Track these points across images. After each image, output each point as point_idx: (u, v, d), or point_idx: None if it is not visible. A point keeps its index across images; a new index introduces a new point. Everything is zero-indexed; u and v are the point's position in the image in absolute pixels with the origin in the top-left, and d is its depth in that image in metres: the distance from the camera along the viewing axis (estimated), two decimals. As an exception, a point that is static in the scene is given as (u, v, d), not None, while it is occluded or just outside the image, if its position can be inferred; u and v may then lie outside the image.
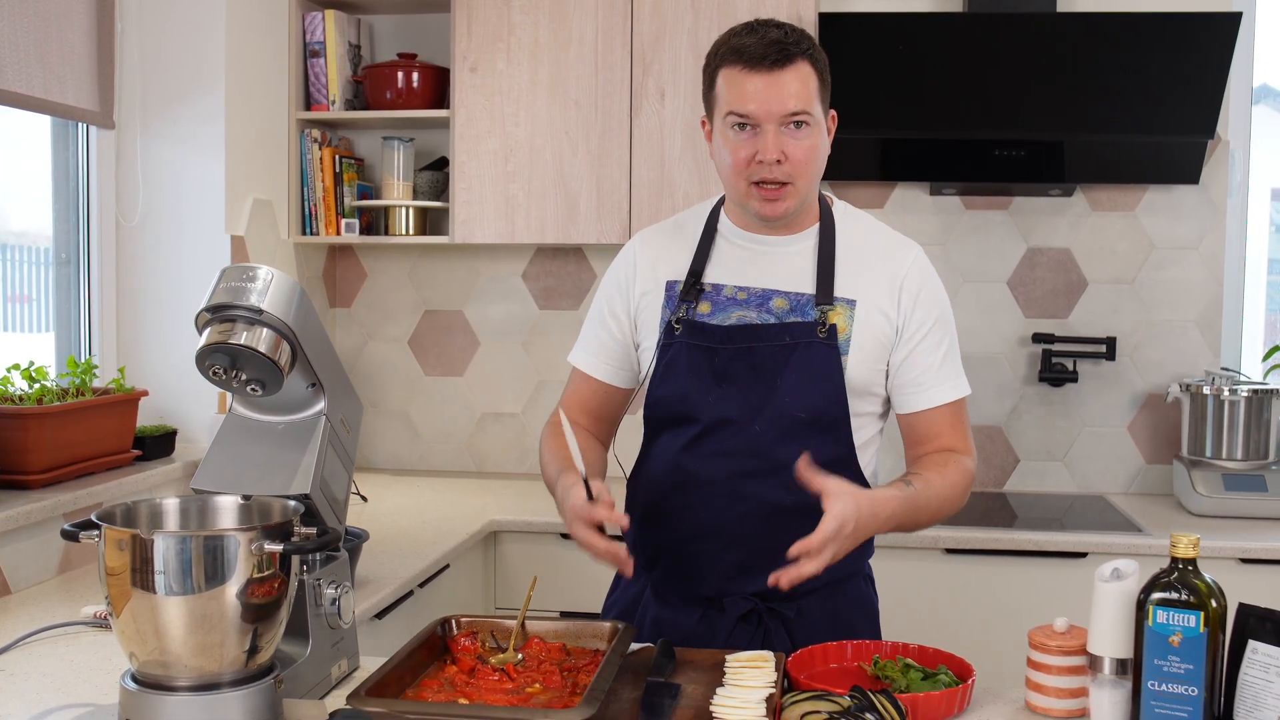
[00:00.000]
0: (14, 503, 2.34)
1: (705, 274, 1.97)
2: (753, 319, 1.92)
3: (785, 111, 1.83)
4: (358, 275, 3.88)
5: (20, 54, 2.67)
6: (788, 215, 1.91)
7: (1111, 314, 3.54)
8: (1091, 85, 3.20)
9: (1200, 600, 1.50)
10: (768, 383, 1.89)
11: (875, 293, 1.91)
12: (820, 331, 1.88)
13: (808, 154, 1.86)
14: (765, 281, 1.94)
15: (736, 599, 1.94)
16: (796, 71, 1.83)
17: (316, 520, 1.75)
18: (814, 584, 1.82)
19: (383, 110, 3.54)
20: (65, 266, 3.07)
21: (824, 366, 1.88)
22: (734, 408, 1.90)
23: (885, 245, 1.98)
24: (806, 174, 1.87)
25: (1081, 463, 3.58)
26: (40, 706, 1.70)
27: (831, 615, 1.99)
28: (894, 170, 3.52)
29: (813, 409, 1.89)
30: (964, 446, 1.96)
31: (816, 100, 1.86)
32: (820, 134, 1.88)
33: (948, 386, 1.94)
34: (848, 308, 1.90)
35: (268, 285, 1.68)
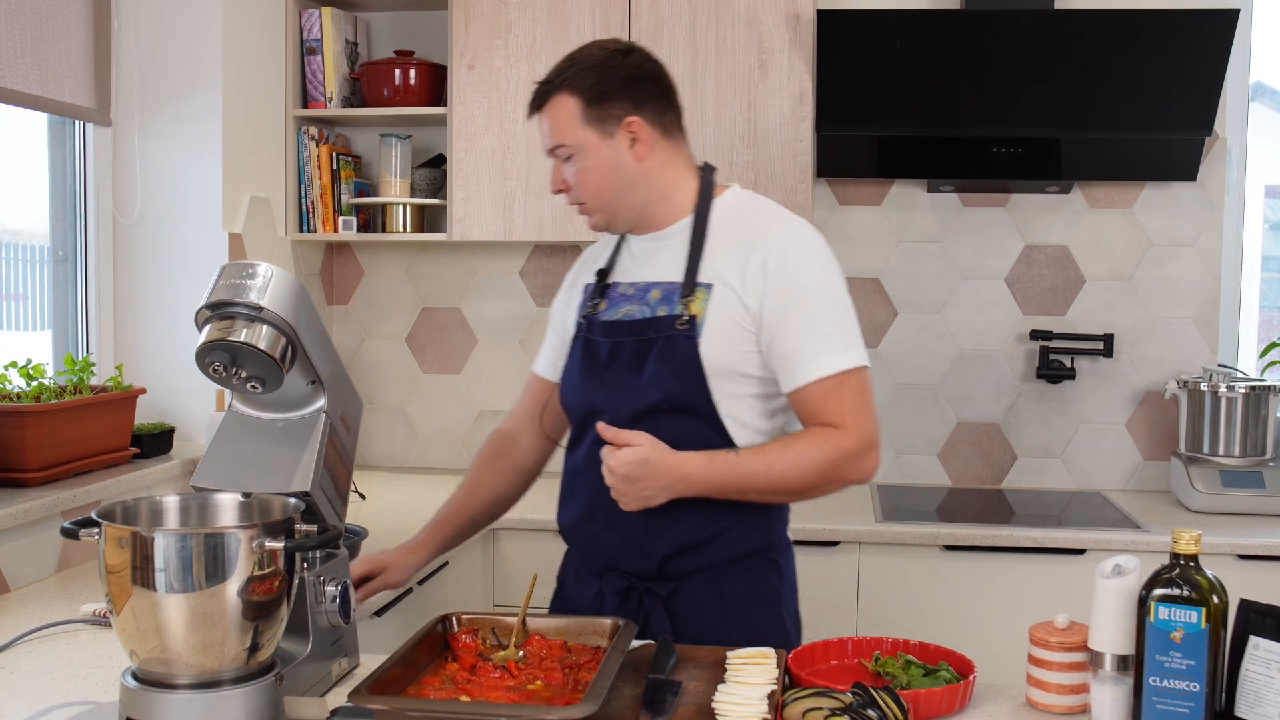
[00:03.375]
0: (12, 501, 2.34)
1: (611, 275, 2.13)
2: (635, 313, 2.04)
3: (548, 147, 2.04)
4: (355, 273, 3.88)
5: (17, 51, 2.66)
6: (608, 226, 2.08)
7: (1109, 311, 3.54)
8: (1089, 82, 3.20)
9: (1202, 596, 1.50)
10: (638, 373, 1.99)
11: (730, 275, 1.97)
12: (679, 324, 1.97)
13: (579, 177, 2.02)
14: (647, 275, 2.06)
15: (614, 577, 2.05)
16: (553, 108, 2.01)
17: (317, 518, 1.75)
18: (693, 566, 2.00)
19: (380, 108, 3.54)
20: (62, 264, 3.06)
21: (680, 355, 1.96)
22: (604, 397, 2.02)
23: (751, 224, 2.01)
24: (587, 193, 2.03)
25: (1079, 460, 3.58)
26: (40, 704, 1.69)
27: (717, 598, 2.02)
28: (891, 167, 3.52)
29: (671, 395, 1.96)
30: (844, 422, 1.93)
31: (580, 125, 1.99)
32: (593, 156, 2.00)
33: (816, 364, 1.92)
34: (705, 292, 1.98)
35: (267, 282, 1.68)
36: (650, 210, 2.05)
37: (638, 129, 2.00)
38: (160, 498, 1.65)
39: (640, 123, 2.00)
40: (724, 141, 3.31)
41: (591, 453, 2.01)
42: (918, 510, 3.29)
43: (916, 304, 3.63)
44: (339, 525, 1.84)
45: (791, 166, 3.30)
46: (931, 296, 3.62)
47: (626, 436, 1.88)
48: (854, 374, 1.95)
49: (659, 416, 1.96)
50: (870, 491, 3.49)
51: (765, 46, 3.29)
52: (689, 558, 2.00)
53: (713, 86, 3.31)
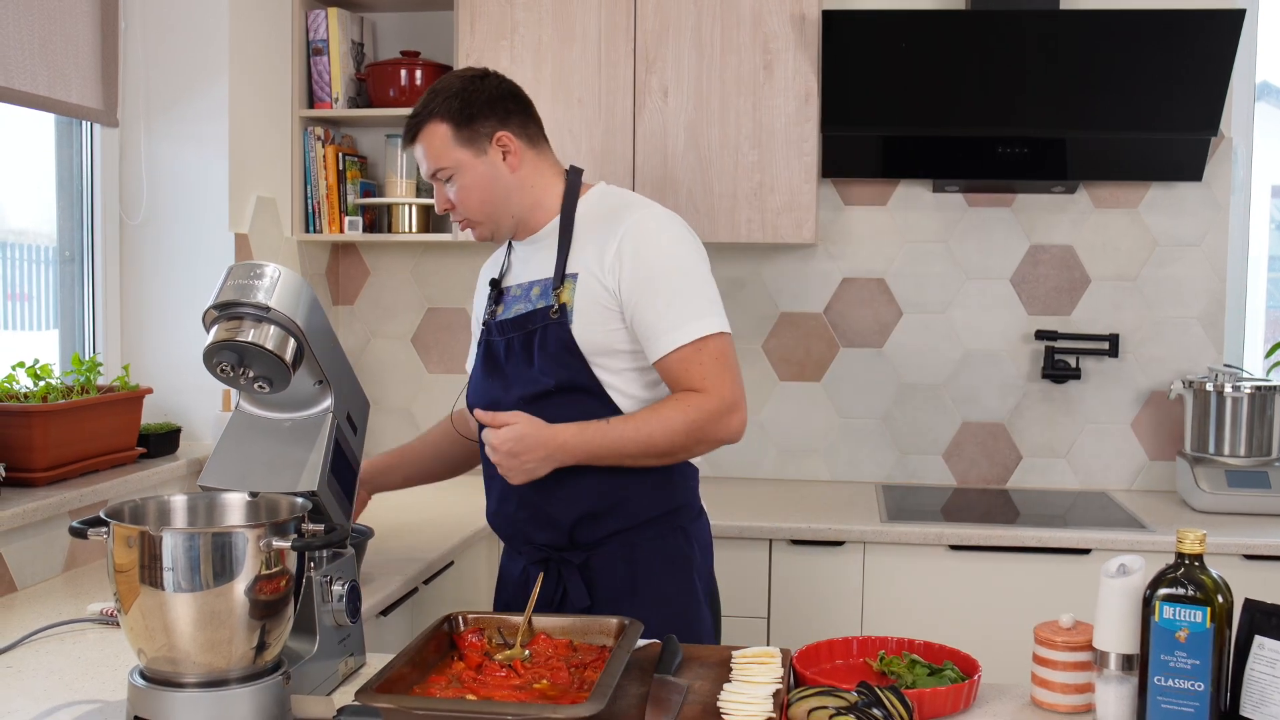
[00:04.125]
0: (19, 500, 2.34)
1: (505, 279, 2.30)
2: (521, 310, 2.20)
3: (429, 173, 2.20)
4: (361, 273, 3.89)
5: (24, 52, 2.67)
6: (493, 236, 2.24)
7: (1114, 311, 3.54)
8: (1094, 82, 3.20)
9: (1207, 596, 1.50)
10: (529, 363, 2.15)
11: (589, 262, 2.13)
12: (552, 314, 2.13)
13: (462, 196, 2.18)
14: (529, 275, 2.23)
15: (530, 549, 2.21)
16: (426, 136, 2.17)
17: (324, 517, 1.75)
18: (601, 533, 2.16)
19: (386, 108, 3.54)
20: (69, 264, 3.07)
21: (556, 341, 2.13)
22: (501, 389, 2.18)
23: (609, 215, 2.17)
24: (471, 209, 2.19)
25: (1085, 459, 3.58)
26: (48, 703, 1.70)
27: (627, 563, 2.17)
28: (896, 168, 3.52)
29: (557, 378, 2.12)
30: (705, 385, 2.08)
31: (454, 147, 2.16)
32: (472, 174, 2.17)
33: (673, 334, 2.09)
34: (572, 282, 2.14)
35: (275, 283, 1.68)
36: (526, 216, 2.22)
37: (507, 142, 2.19)
38: (168, 497, 1.66)
39: (508, 136, 2.19)
40: (729, 142, 3.31)
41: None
42: (923, 510, 3.29)
43: (921, 304, 3.63)
44: (346, 525, 1.84)
45: (797, 167, 3.30)
46: (937, 296, 3.62)
47: (503, 417, 2.04)
48: (712, 340, 2.10)
49: (552, 399, 2.13)
50: (876, 491, 3.50)
51: (770, 47, 3.29)
52: (595, 525, 2.16)
53: (718, 87, 3.31)
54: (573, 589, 2.16)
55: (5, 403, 2.47)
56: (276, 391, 1.71)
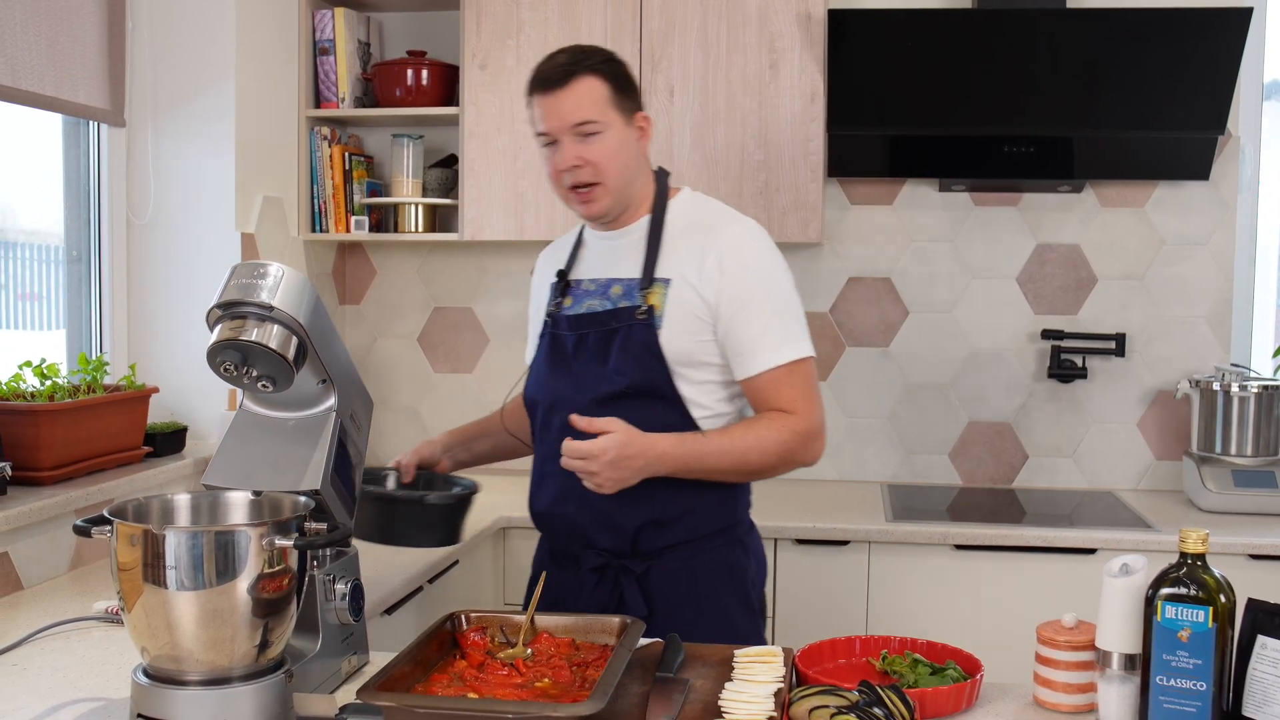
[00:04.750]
0: (26, 499, 2.36)
1: (572, 272, 2.24)
2: (597, 307, 2.15)
3: (573, 122, 2.07)
4: (367, 272, 3.89)
5: (32, 53, 2.68)
6: (607, 213, 2.14)
7: (1121, 310, 3.54)
8: (1101, 81, 3.19)
9: (1209, 596, 1.50)
10: (603, 362, 2.11)
11: (687, 270, 2.09)
12: (639, 314, 2.09)
13: (603, 155, 2.08)
14: (608, 272, 2.18)
15: (590, 555, 2.15)
16: (579, 85, 2.08)
17: (327, 516, 1.75)
18: (665, 542, 2.12)
19: (392, 108, 3.55)
20: (76, 264, 3.08)
21: (641, 342, 2.08)
22: (570, 386, 2.12)
23: (707, 225, 2.15)
24: (610, 171, 2.10)
25: (1091, 459, 3.58)
26: (52, 700, 1.71)
27: (688, 575, 2.14)
28: (902, 167, 3.52)
29: (633, 380, 2.08)
30: (795, 408, 2.09)
31: (607, 107, 2.09)
32: (617, 136, 2.09)
33: (768, 354, 2.08)
34: (663, 286, 2.10)
35: (278, 282, 1.69)
36: (630, 203, 2.17)
37: (645, 124, 2.16)
38: (171, 496, 1.67)
39: (647, 119, 2.17)
40: (735, 141, 3.31)
41: (560, 440, 2.07)
42: (929, 510, 3.28)
43: (928, 303, 3.62)
44: (349, 523, 1.85)
45: (803, 166, 3.30)
46: (943, 296, 3.61)
47: (600, 424, 1.97)
48: (802, 364, 2.10)
49: (625, 401, 2.08)
50: (881, 491, 3.49)
51: (776, 46, 3.29)
52: (661, 533, 2.12)
53: (724, 86, 3.31)
54: (630, 598, 2.12)
55: (12, 402, 2.48)
56: (280, 391, 1.71)
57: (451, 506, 2.22)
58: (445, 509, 2.20)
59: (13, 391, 2.55)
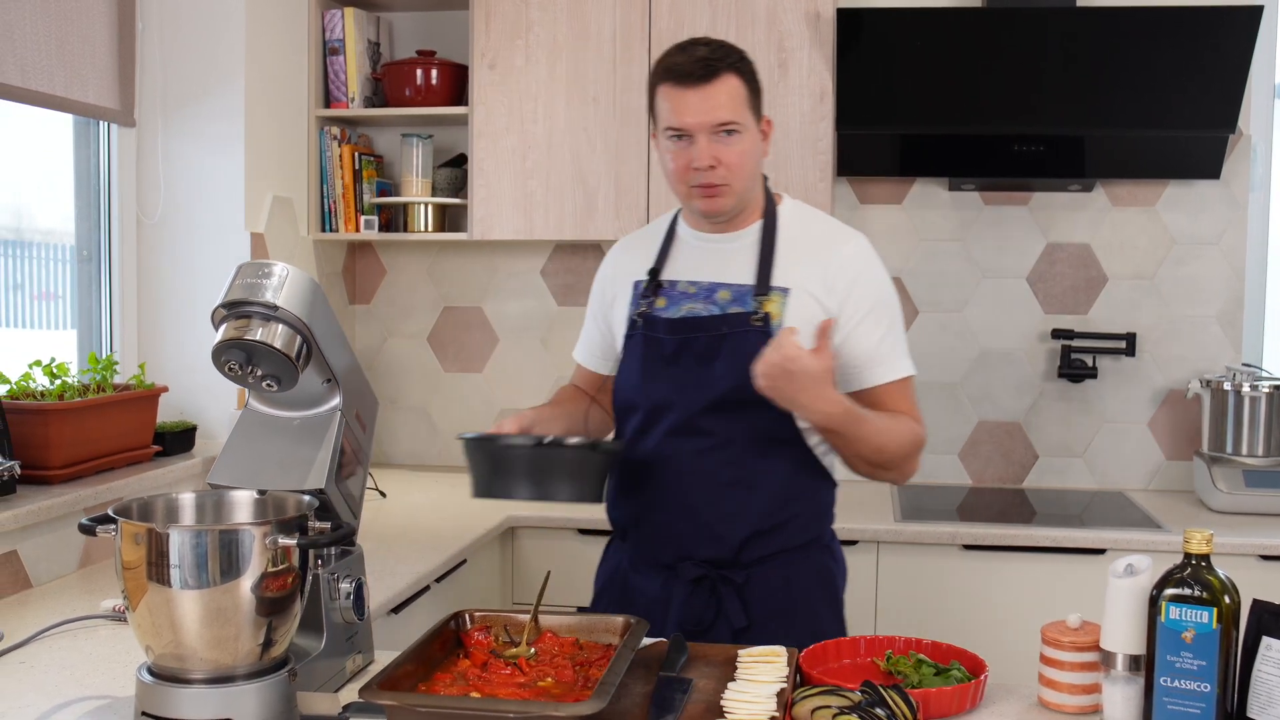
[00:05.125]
0: (35, 498, 2.37)
1: (664, 272, 2.16)
2: (699, 310, 2.08)
3: (714, 122, 1.99)
4: (377, 272, 3.90)
5: (42, 53, 2.69)
6: (728, 212, 2.08)
7: (1132, 310, 3.52)
8: (1111, 79, 3.18)
9: (1213, 596, 1.49)
10: (709, 368, 2.05)
11: (808, 280, 2.06)
12: (754, 320, 2.04)
13: (739, 158, 2.02)
14: (713, 276, 2.11)
15: (689, 565, 2.09)
16: (723, 84, 1.99)
17: (331, 515, 1.76)
18: (766, 551, 2.08)
19: (402, 107, 3.56)
20: (87, 264, 3.10)
21: (755, 349, 1.97)
22: (673, 391, 2.06)
23: (824, 236, 2.13)
24: (740, 175, 2.03)
25: (1101, 459, 3.56)
26: (59, 698, 1.72)
27: (785, 583, 2.11)
28: (913, 166, 3.51)
29: (742, 386, 1.98)
30: (911, 415, 2.09)
31: (745, 108, 2.02)
32: (751, 139, 2.04)
33: (886, 367, 2.08)
34: (781, 295, 2.06)
35: (283, 281, 1.69)
36: (745, 206, 2.10)
37: (768, 128, 2.11)
38: (176, 495, 1.67)
39: (770, 122, 2.11)
40: (743, 140, 3.31)
41: (662, 445, 2.05)
42: (938, 509, 3.28)
43: (937, 303, 3.61)
44: (353, 523, 1.85)
45: (812, 165, 3.30)
46: (953, 295, 3.61)
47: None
48: (911, 380, 2.12)
49: (733, 408, 2.02)
50: (890, 491, 3.48)
51: (785, 45, 3.29)
52: (762, 542, 2.08)
53: (732, 85, 3.30)
54: (730, 608, 2.08)
55: (22, 401, 2.50)
56: (284, 390, 1.72)
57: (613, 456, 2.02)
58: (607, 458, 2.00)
59: (23, 391, 2.56)
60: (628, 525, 2.18)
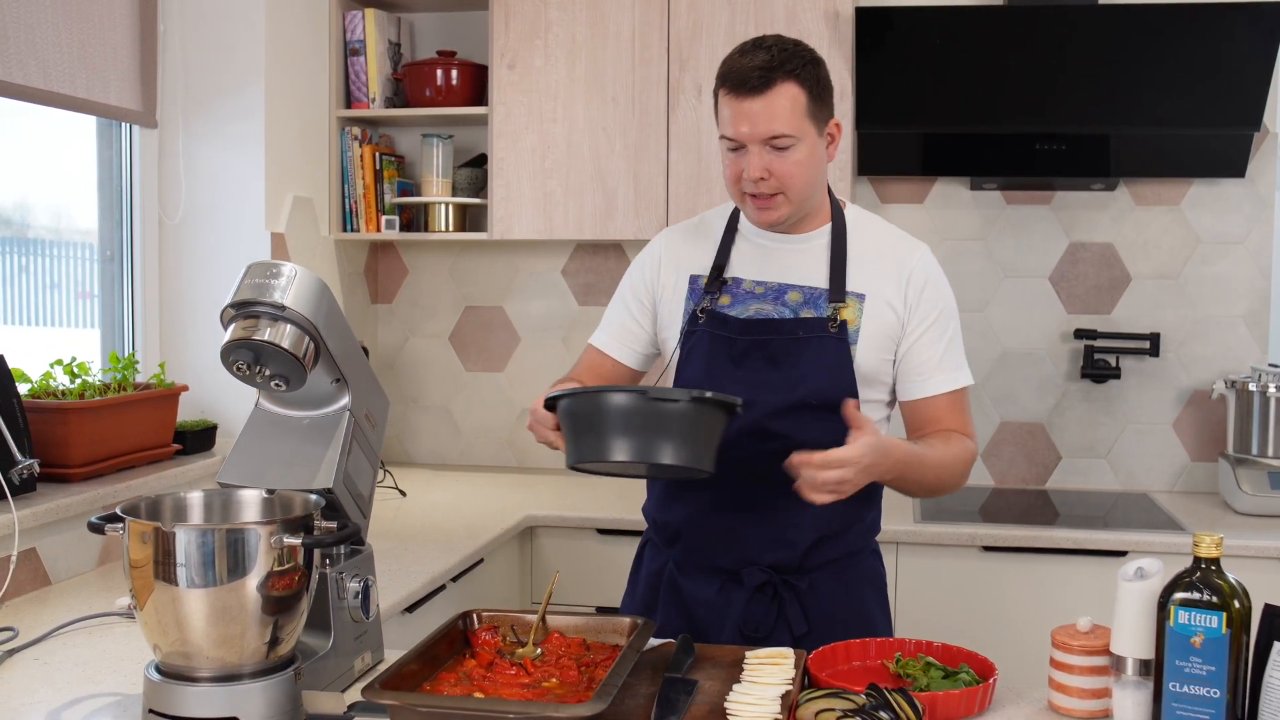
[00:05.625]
0: (55, 495, 2.39)
1: (727, 269, 2.10)
2: (769, 311, 2.04)
3: (767, 135, 1.93)
4: (399, 271, 3.91)
5: (63, 55, 2.71)
6: (783, 221, 2.03)
7: (1156, 310, 3.49)
8: (1134, 77, 3.15)
9: (1223, 601, 1.47)
10: (782, 370, 2.01)
11: (883, 287, 2.04)
12: (832, 326, 2.01)
13: (792, 169, 1.96)
14: (781, 276, 2.07)
15: (754, 571, 2.05)
16: (780, 94, 1.92)
17: (339, 514, 1.76)
18: (829, 556, 2.06)
19: (422, 108, 3.57)
20: (110, 263, 3.12)
21: (834, 356, 2.00)
22: (745, 392, 1.95)
23: (894, 244, 2.10)
24: (795, 186, 1.98)
25: (1125, 460, 3.53)
26: (70, 695, 1.73)
27: (843, 588, 2.09)
28: (934, 165, 3.49)
29: (823, 395, 1.98)
30: (965, 431, 2.07)
31: (804, 117, 1.95)
32: (809, 147, 1.97)
33: (948, 376, 2.06)
34: (858, 301, 2.03)
35: (291, 282, 1.70)
36: (809, 211, 2.06)
37: (836, 131, 2.03)
38: (184, 494, 1.68)
39: (839, 125, 2.04)
40: (763, 140, 3.30)
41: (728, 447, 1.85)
42: (960, 511, 3.25)
43: (959, 303, 3.51)
44: (362, 522, 1.86)
45: (831, 165, 3.27)
46: (975, 295, 3.58)
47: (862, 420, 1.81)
48: (968, 391, 2.10)
49: (804, 413, 1.99)
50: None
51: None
52: (828, 547, 2.06)
53: (751, 85, 3.29)
54: (792, 614, 2.04)
55: (42, 400, 2.52)
56: (293, 390, 1.73)
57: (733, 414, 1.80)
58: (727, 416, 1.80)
59: (44, 390, 2.59)
60: (681, 528, 2.10)
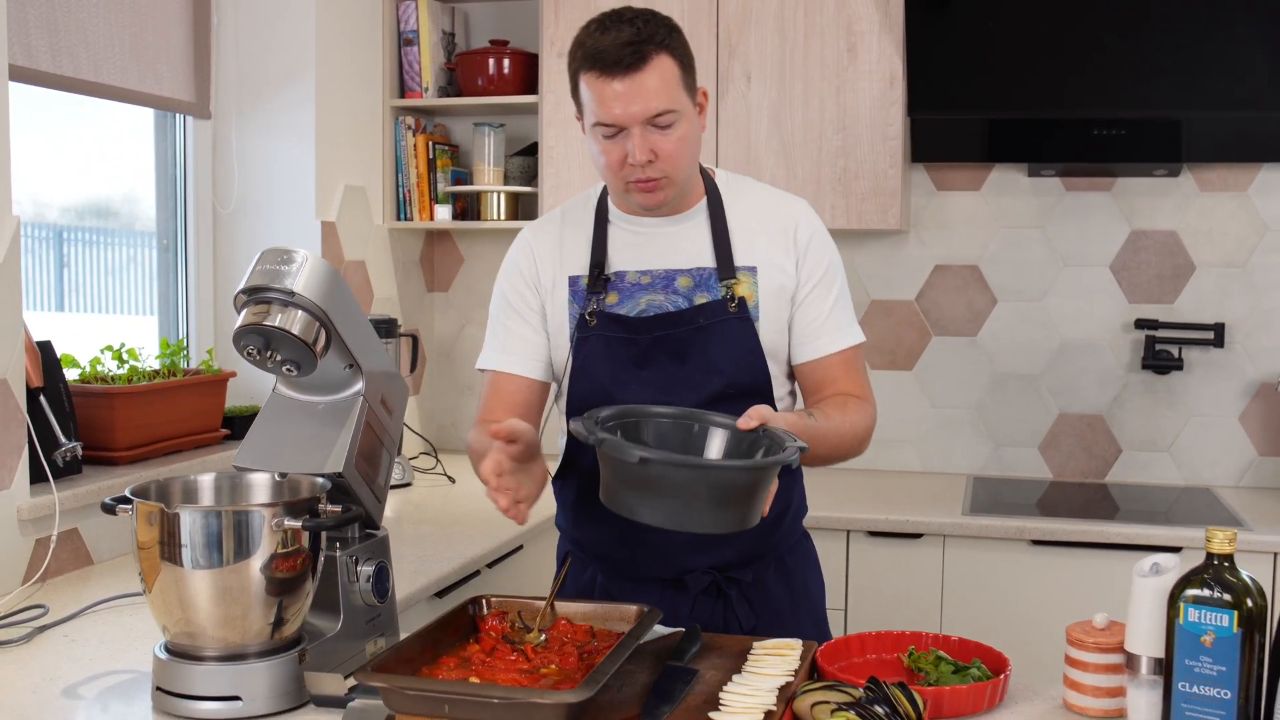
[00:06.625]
0: (99, 478, 2.45)
1: (606, 264, 1.95)
2: (661, 302, 1.93)
3: (648, 114, 1.80)
4: (455, 260, 3.94)
5: (114, 48, 2.77)
6: (668, 203, 1.91)
7: (1221, 299, 3.37)
8: (1200, 59, 3.04)
9: (1235, 599, 1.42)
10: (690, 365, 1.91)
11: (773, 254, 1.94)
12: (731, 306, 1.91)
13: (676, 146, 1.84)
14: (665, 262, 1.94)
15: (697, 575, 1.97)
16: (653, 69, 1.79)
17: (351, 498, 1.78)
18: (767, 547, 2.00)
19: (475, 97, 3.58)
20: (166, 253, 3.19)
21: (740, 339, 1.90)
22: (659, 391, 1.88)
23: (772, 205, 2.00)
24: (680, 164, 1.86)
25: (1188, 454, 3.43)
26: (90, 670, 1.77)
27: (785, 575, 2.04)
28: (991, 151, 3.41)
29: (736, 382, 1.90)
30: (861, 392, 1.97)
31: (679, 89, 1.83)
32: (688, 121, 1.85)
33: (840, 334, 1.96)
34: (750, 275, 1.93)
35: (302, 268, 1.71)
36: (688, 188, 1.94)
37: (704, 99, 1.91)
38: (195, 477, 1.72)
39: (705, 92, 1.92)
40: (812, 128, 3.26)
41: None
42: (1015, 503, 3.19)
43: (1017, 291, 3.51)
44: (377, 507, 1.87)
45: (882, 152, 3.23)
46: (1033, 284, 3.50)
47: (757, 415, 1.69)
48: (861, 348, 2.01)
49: (721, 404, 1.85)
50: (965, 483, 3.40)
51: (854, 29, 3.22)
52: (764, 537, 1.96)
53: (800, 71, 3.26)
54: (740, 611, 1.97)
55: (90, 385, 2.58)
56: (305, 375, 1.74)
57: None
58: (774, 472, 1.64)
59: (94, 375, 2.65)
60: (607, 549, 2.00)
